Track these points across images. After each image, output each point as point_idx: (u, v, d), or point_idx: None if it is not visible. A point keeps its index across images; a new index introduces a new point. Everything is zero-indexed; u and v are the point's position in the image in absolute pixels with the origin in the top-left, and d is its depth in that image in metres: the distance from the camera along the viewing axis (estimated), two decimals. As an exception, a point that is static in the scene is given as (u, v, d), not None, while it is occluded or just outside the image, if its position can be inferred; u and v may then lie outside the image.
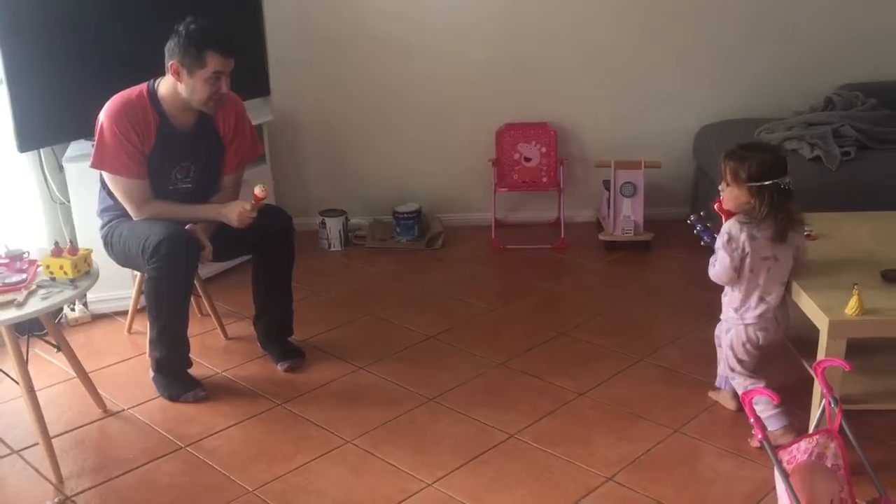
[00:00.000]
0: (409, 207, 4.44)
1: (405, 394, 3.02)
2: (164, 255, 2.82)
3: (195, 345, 3.17)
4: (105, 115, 2.91)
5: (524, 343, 3.35)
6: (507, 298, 3.83)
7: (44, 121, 3.34)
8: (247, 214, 2.94)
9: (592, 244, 4.33)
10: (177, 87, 2.90)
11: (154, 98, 2.94)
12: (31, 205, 3.61)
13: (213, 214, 3.01)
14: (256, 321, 3.29)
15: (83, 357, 2.97)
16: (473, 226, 4.55)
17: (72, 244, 2.76)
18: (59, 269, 2.66)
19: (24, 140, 3.30)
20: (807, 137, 3.86)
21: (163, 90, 2.94)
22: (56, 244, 2.72)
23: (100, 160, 2.93)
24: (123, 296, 3.56)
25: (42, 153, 3.59)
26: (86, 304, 3.64)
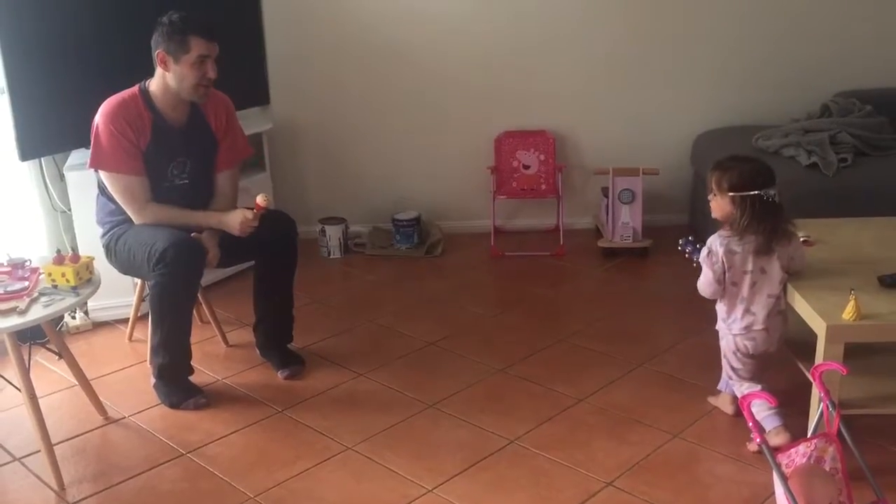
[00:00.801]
0: (409, 215, 4.45)
1: (405, 400, 3.03)
2: (171, 262, 2.83)
3: (196, 352, 3.17)
4: (100, 116, 2.93)
5: (523, 349, 3.36)
6: (507, 305, 3.84)
7: (45, 130, 3.36)
8: (248, 223, 2.96)
9: (591, 251, 4.34)
10: (166, 80, 2.93)
11: (146, 96, 2.97)
12: (33, 213, 3.63)
13: (215, 222, 3.03)
14: (256, 327, 3.30)
15: (84, 365, 2.98)
16: (473, 233, 4.56)
17: (73, 252, 2.76)
18: (62, 277, 2.68)
19: (26, 149, 3.32)
20: (804, 144, 3.87)
21: (153, 88, 2.97)
22: (58, 252, 2.73)
23: (98, 160, 2.95)
24: (124, 303, 3.57)
25: (43, 162, 3.60)
26: (87, 312, 3.65)
